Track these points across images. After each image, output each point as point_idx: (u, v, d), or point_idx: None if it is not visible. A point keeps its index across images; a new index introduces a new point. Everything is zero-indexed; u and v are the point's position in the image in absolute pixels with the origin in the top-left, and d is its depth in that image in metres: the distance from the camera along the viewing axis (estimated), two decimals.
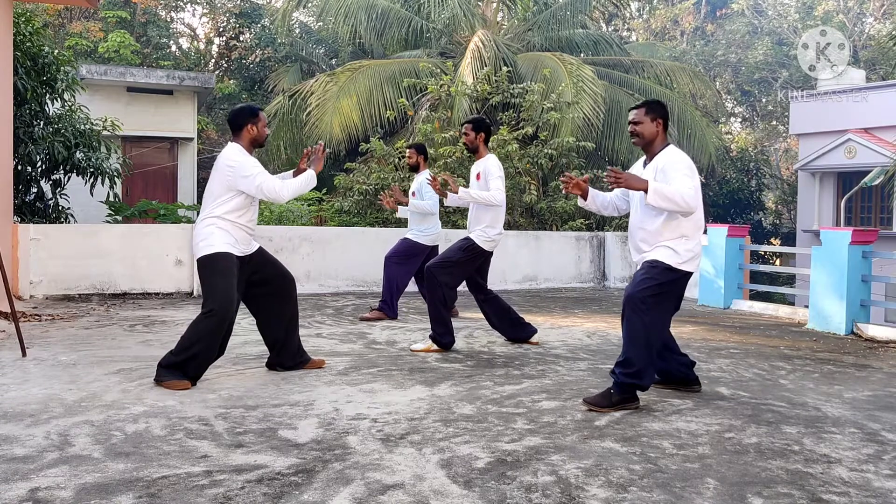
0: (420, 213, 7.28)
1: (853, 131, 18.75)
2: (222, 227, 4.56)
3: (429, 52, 17.15)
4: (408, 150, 7.46)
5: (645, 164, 4.45)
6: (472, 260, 5.88)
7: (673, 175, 4.19)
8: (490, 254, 5.98)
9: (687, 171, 4.22)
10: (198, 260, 4.60)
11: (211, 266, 4.54)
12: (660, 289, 4.21)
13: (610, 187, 4.37)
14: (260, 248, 4.84)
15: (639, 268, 4.38)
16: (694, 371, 4.72)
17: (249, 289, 4.78)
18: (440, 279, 5.78)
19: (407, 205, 7.33)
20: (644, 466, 3.29)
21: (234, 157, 4.57)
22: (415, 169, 7.36)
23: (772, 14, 27.98)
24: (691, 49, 27.46)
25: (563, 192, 4.78)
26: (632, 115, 4.42)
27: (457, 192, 5.84)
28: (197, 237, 4.60)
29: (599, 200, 4.70)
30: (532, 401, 4.37)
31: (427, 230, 7.25)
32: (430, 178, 6.21)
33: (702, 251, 4.46)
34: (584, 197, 4.63)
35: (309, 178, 4.83)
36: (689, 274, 4.33)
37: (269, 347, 5.00)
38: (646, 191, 4.06)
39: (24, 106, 9.24)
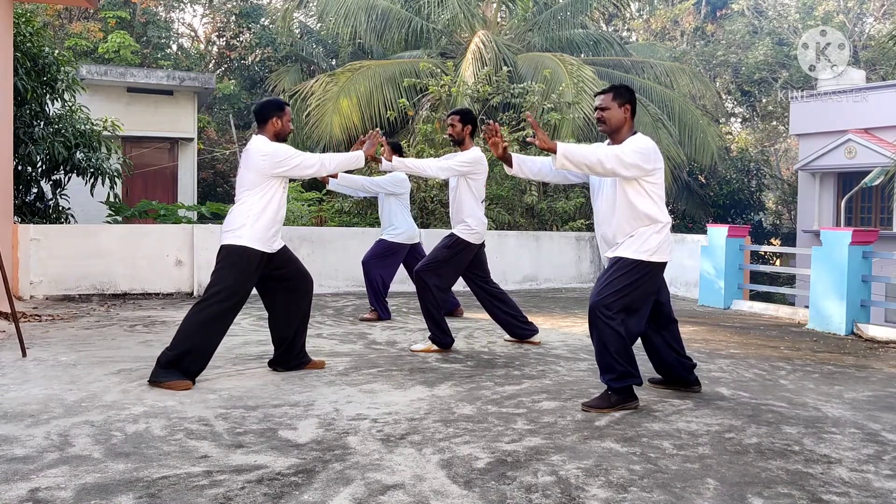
0: (361, 192, 7.34)
1: (853, 131, 18.74)
2: (256, 219, 4.58)
3: (429, 52, 17.15)
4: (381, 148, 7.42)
5: None
6: (460, 256, 5.74)
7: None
8: (479, 247, 5.86)
9: (636, 148, 4.04)
10: (221, 245, 4.63)
11: (231, 257, 4.57)
12: (628, 289, 4.10)
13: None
14: (284, 245, 4.89)
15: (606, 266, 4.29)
16: (694, 372, 4.71)
17: (269, 283, 4.82)
18: (429, 282, 5.67)
19: (336, 178, 7.17)
20: (644, 467, 3.29)
21: (264, 148, 4.63)
22: None
23: (772, 14, 27.96)
24: (691, 49, 27.43)
25: (483, 138, 4.48)
26: (598, 101, 4.24)
27: (390, 160, 5.54)
28: (228, 224, 4.64)
29: (528, 166, 4.50)
30: (532, 401, 4.37)
31: (397, 229, 7.21)
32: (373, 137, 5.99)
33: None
34: (509, 164, 4.41)
35: (356, 156, 4.97)
36: (664, 264, 4.22)
37: (275, 345, 5.00)
38: (554, 151, 3.91)
39: (24, 106, 9.24)
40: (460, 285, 7.42)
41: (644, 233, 4.16)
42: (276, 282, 4.85)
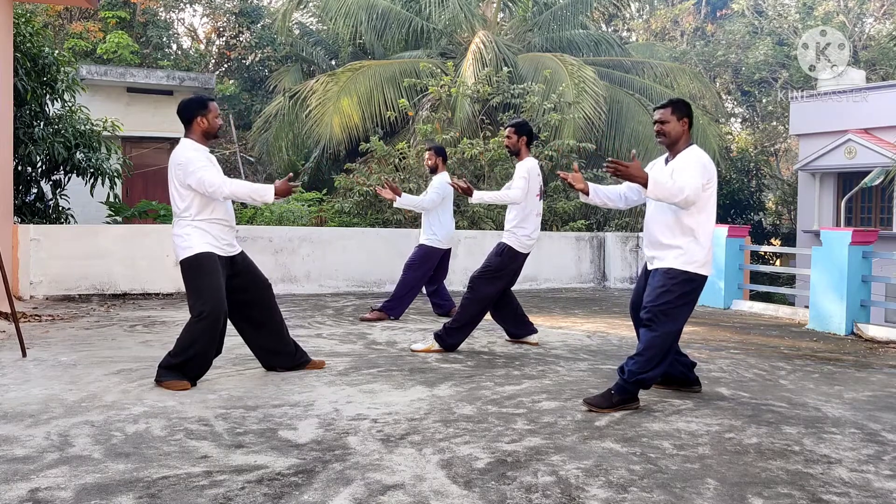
0: (417, 209, 7.41)
1: (853, 131, 18.74)
2: (198, 227, 4.47)
3: (429, 52, 17.15)
4: (426, 153, 7.46)
5: (667, 161, 4.41)
6: (510, 264, 5.88)
7: (682, 171, 4.17)
8: (526, 256, 5.99)
9: (697, 167, 4.17)
10: (180, 263, 4.51)
11: (194, 268, 4.46)
12: (680, 300, 4.23)
13: (610, 179, 4.35)
14: (242, 251, 4.75)
15: (652, 270, 4.33)
16: (694, 371, 4.72)
17: (228, 294, 4.63)
18: (481, 289, 5.81)
19: (400, 195, 7.24)
20: (644, 467, 3.29)
21: (183, 155, 4.45)
22: (433, 171, 7.33)
23: (772, 14, 27.92)
24: (691, 49, 27.41)
25: (567, 181, 4.63)
26: (657, 115, 4.35)
27: (471, 195, 5.87)
28: (175, 240, 4.51)
29: (602, 193, 4.60)
30: (532, 401, 4.37)
31: (436, 234, 7.21)
32: (449, 182, 6.32)
33: None
34: (586, 192, 4.51)
35: (264, 190, 4.58)
36: (707, 277, 4.33)
37: (254, 352, 4.98)
38: (645, 184, 4.00)
39: (24, 107, 9.24)
40: (460, 286, 7.44)
41: (690, 245, 4.23)
42: (236, 293, 4.68)
